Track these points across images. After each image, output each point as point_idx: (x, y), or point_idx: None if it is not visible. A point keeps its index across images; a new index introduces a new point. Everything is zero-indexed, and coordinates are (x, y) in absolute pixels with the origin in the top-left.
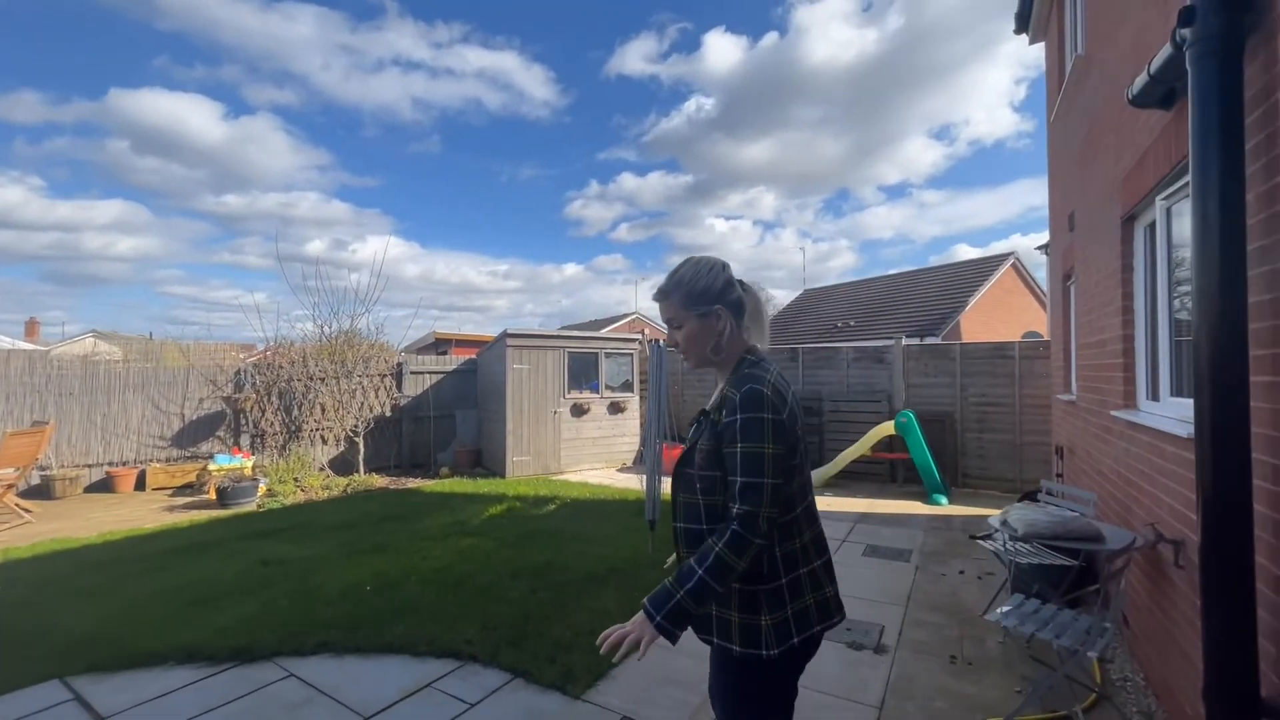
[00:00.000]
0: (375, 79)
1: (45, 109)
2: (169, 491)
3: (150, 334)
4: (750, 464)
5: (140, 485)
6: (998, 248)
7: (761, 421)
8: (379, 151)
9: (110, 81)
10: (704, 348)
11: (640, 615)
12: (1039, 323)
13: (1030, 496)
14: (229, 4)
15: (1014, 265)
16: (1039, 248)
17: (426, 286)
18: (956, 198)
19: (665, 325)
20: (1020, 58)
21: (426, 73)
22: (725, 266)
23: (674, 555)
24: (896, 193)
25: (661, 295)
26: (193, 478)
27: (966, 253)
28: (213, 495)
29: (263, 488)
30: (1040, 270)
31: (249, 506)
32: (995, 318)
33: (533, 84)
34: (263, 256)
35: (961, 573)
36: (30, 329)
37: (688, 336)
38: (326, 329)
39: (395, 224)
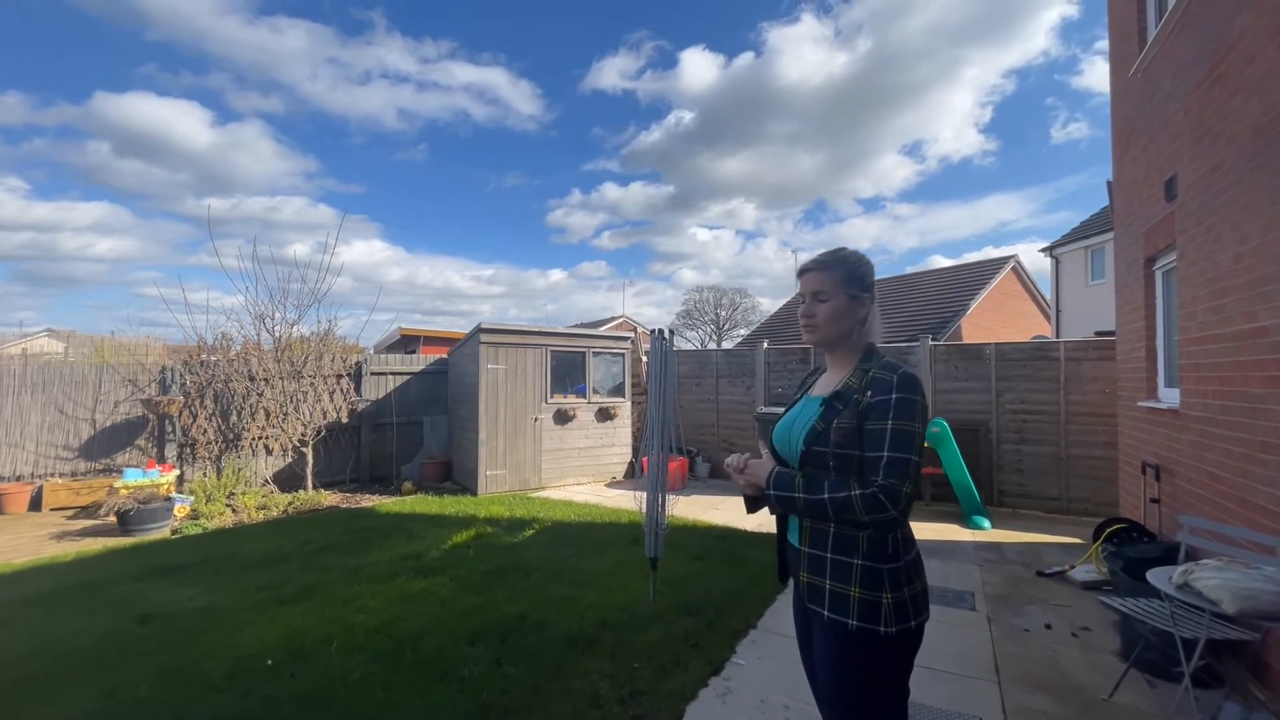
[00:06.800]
0: (363, 90)
1: (27, 111)
2: (70, 512)
3: (112, 332)
4: (900, 440)
5: (36, 505)
6: (969, 258)
7: (914, 403)
8: (366, 159)
9: (95, 86)
10: (841, 327)
11: (762, 471)
12: (1041, 328)
13: (1109, 528)
14: (217, 17)
15: (1014, 269)
16: (1043, 249)
17: (410, 291)
18: (928, 211)
19: (803, 297)
20: (981, 82)
21: (414, 85)
22: (874, 267)
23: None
24: (872, 205)
25: (819, 265)
26: (102, 495)
27: (941, 263)
28: (112, 519)
29: (183, 509)
30: (1045, 281)
31: (159, 533)
32: (996, 323)
33: (519, 98)
34: (240, 259)
35: (1048, 627)
36: None
37: (832, 311)
38: (268, 320)
39: (381, 229)
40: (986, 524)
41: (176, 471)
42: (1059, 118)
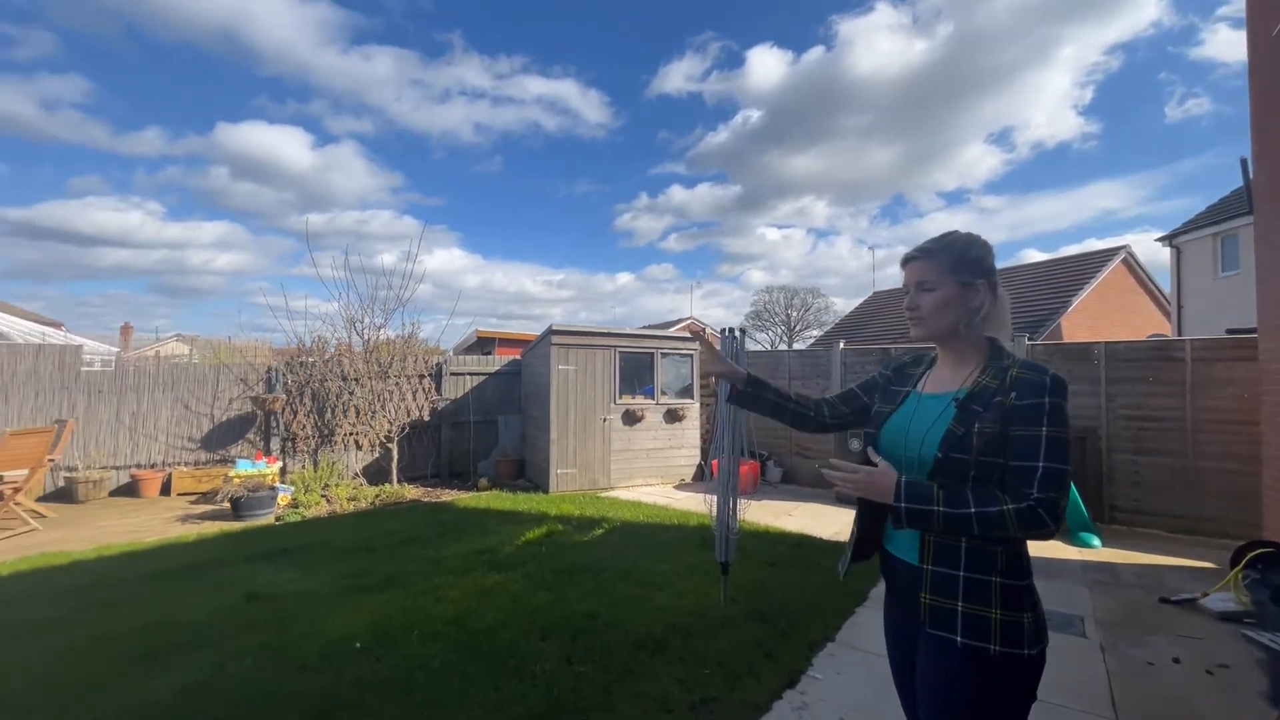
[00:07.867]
0: (442, 108)
1: (163, 144)
2: (193, 498)
3: (229, 337)
4: (1056, 449)
5: (166, 490)
6: (1066, 251)
7: (1065, 408)
8: (446, 173)
9: (217, 118)
10: (950, 319)
11: (886, 480)
12: (1158, 326)
13: (1252, 552)
14: (317, 49)
15: (1126, 261)
16: (1161, 238)
17: (486, 295)
18: (1019, 202)
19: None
20: (1080, 61)
21: (490, 101)
22: (992, 249)
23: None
24: (955, 198)
25: (923, 254)
26: (219, 483)
27: (1034, 258)
28: (227, 505)
29: (285, 498)
30: (1161, 274)
31: (265, 519)
32: (1103, 320)
33: (587, 107)
34: (335, 268)
35: (1176, 661)
36: (124, 333)
37: (938, 301)
38: (358, 324)
39: (460, 238)
40: (1096, 542)
41: (280, 463)
42: (1174, 94)
